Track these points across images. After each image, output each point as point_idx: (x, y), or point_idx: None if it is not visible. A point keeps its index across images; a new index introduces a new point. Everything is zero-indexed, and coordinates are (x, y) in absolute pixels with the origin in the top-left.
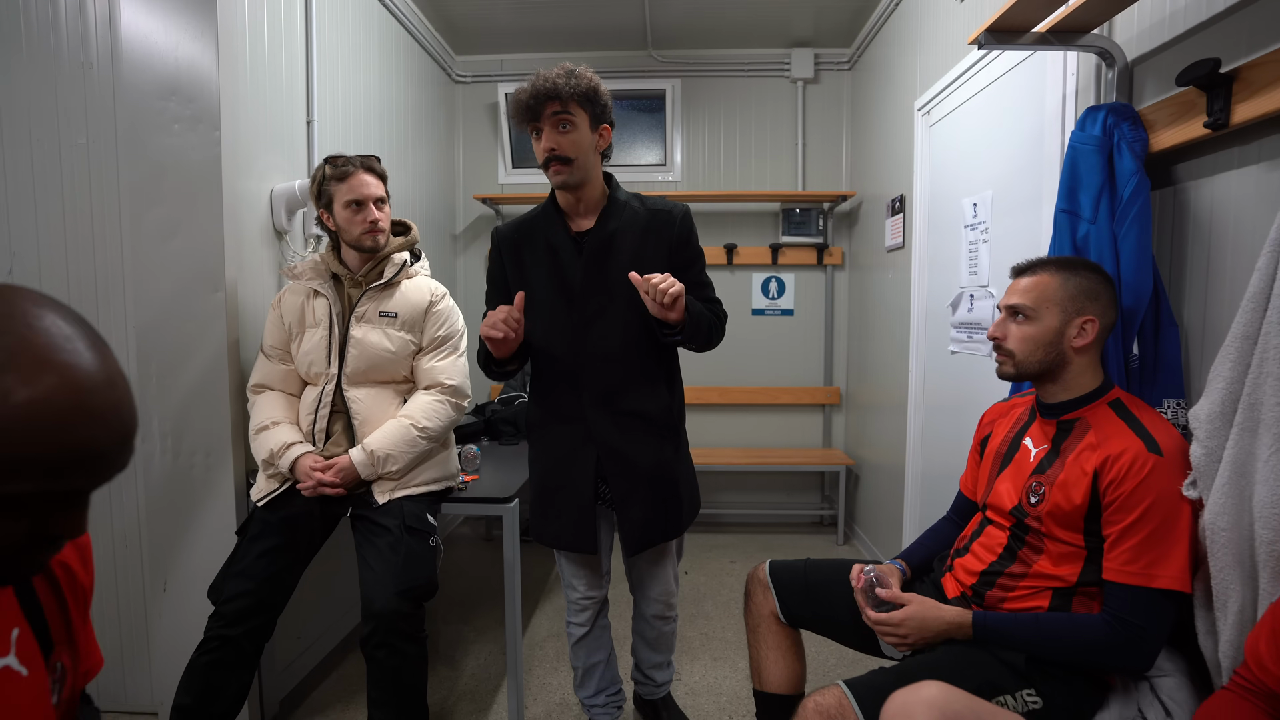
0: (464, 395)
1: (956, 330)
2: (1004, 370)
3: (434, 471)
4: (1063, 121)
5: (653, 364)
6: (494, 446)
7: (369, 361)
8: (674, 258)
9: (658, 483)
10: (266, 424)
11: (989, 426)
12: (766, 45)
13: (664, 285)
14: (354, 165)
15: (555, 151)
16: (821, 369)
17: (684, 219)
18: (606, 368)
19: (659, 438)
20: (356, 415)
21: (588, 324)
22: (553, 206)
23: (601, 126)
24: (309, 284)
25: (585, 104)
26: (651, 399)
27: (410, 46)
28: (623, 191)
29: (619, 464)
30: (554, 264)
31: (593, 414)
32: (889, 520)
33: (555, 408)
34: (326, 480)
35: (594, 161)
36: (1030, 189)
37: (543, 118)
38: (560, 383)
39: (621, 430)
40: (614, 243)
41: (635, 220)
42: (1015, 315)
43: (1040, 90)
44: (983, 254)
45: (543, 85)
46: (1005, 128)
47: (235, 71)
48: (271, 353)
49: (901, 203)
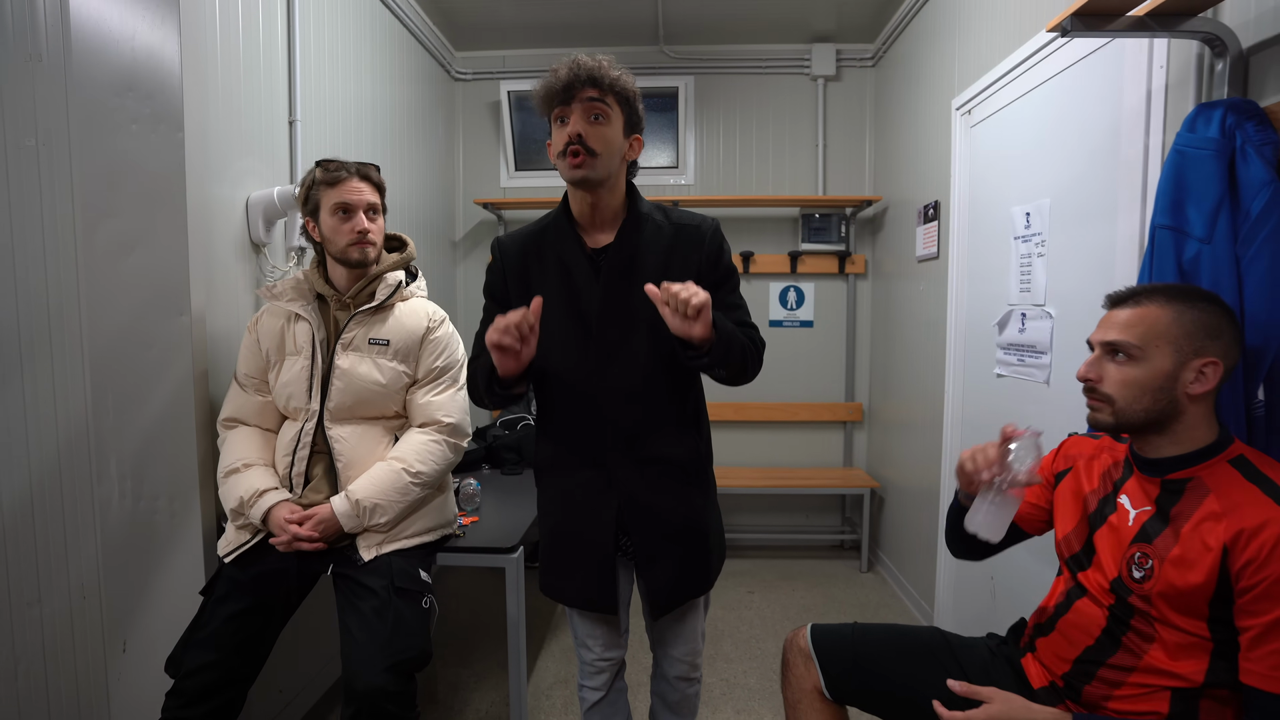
0: (463, 434)
1: (1004, 351)
2: (1099, 419)
3: (428, 520)
4: (1146, 120)
5: (682, 403)
6: (495, 476)
7: (356, 395)
8: (703, 278)
9: (688, 536)
10: (237, 466)
11: (1070, 460)
12: (785, 40)
13: (685, 294)
14: (348, 171)
15: (581, 138)
16: (843, 384)
17: (714, 235)
18: (629, 407)
19: (687, 485)
20: (340, 457)
21: (608, 356)
22: (564, 216)
23: (634, 135)
24: (288, 305)
25: (624, 104)
26: (679, 443)
27: (406, 41)
28: (645, 203)
29: (644, 518)
30: (567, 285)
31: (614, 459)
32: (917, 546)
33: (570, 450)
34: (303, 534)
35: (620, 169)
36: (1101, 198)
37: (575, 101)
38: (576, 422)
39: (647, 479)
40: (636, 262)
41: (659, 236)
42: (1114, 354)
43: (1116, 85)
44: (1037, 269)
45: (583, 66)
46: (1069, 128)
47: (202, 65)
48: (246, 382)
49: (936, 209)
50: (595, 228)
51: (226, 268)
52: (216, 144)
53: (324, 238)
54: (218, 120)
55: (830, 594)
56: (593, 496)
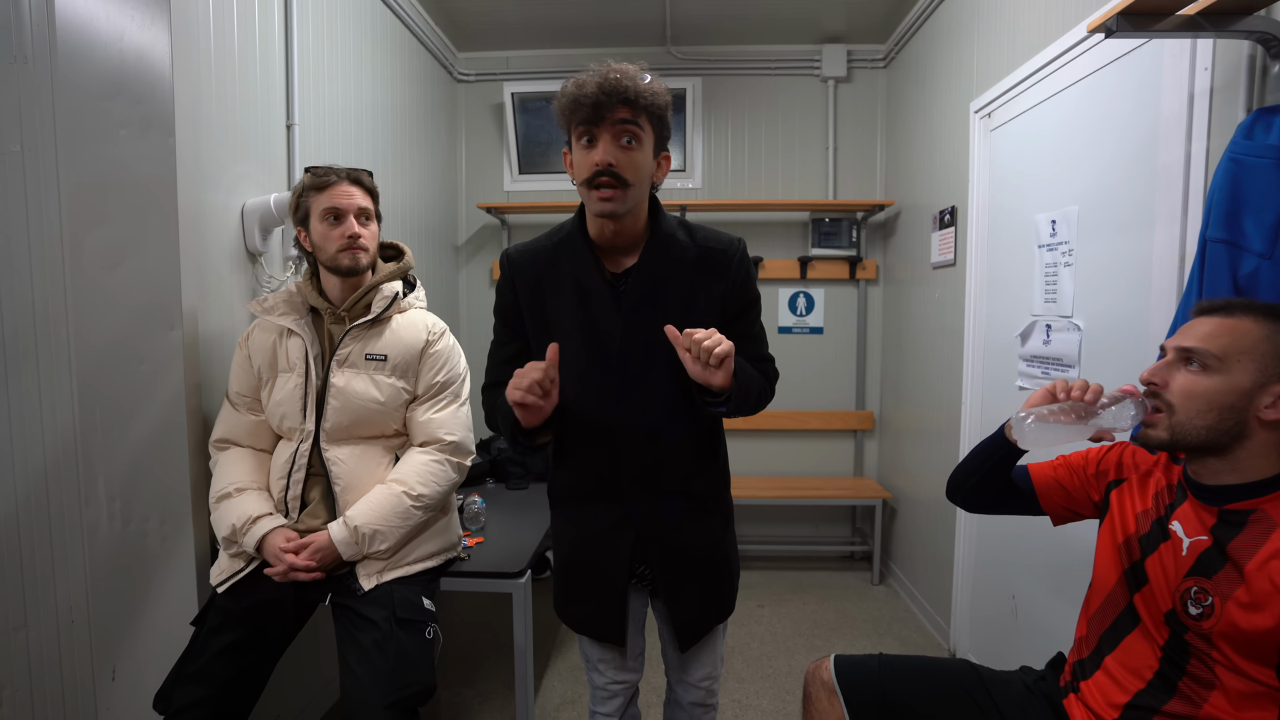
0: (466, 453)
1: (1027, 364)
2: (1153, 435)
3: (432, 544)
4: (1188, 126)
5: (701, 433)
6: (500, 491)
7: (353, 414)
8: (729, 304)
9: (710, 565)
10: (229, 491)
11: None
12: (795, 41)
13: (709, 342)
14: (338, 175)
15: (613, 167)
16: (853, 392)
17: (742, 258)
18: (649, 441)
19: (708, 514)
20: (338, 480)
21: (627, 389)
22: (580, 234)
23: (662, 154)
24: (280, 320)
25: (656, 122)
26: (699, 474)
27: (408, 42)
28: (668, 219)
29: (665, 551)
30: (584, 312)
31: (632, 494)
32: (932, 559)
33: (585, 481)
34: (300, 564)
35: (645, 194)
36: (1135, 207)
37: (604, 123)
38: (592, 454)
39: (667, 513)
40: (659, 290)
41: (683, 259)
42: (1188, 362)
43: (1153, 88)
44: (1064, 279)
45: (616, 82)
46: (1100, 133)
47: (195, 68)
48: (238, 400)
49: (952, 215)
50: (615, 250)
51: (221, 278)
52: (210, 149)
53: (314, 245)
54: (211, 125)
55: (842, 608)
56: (609, 530)
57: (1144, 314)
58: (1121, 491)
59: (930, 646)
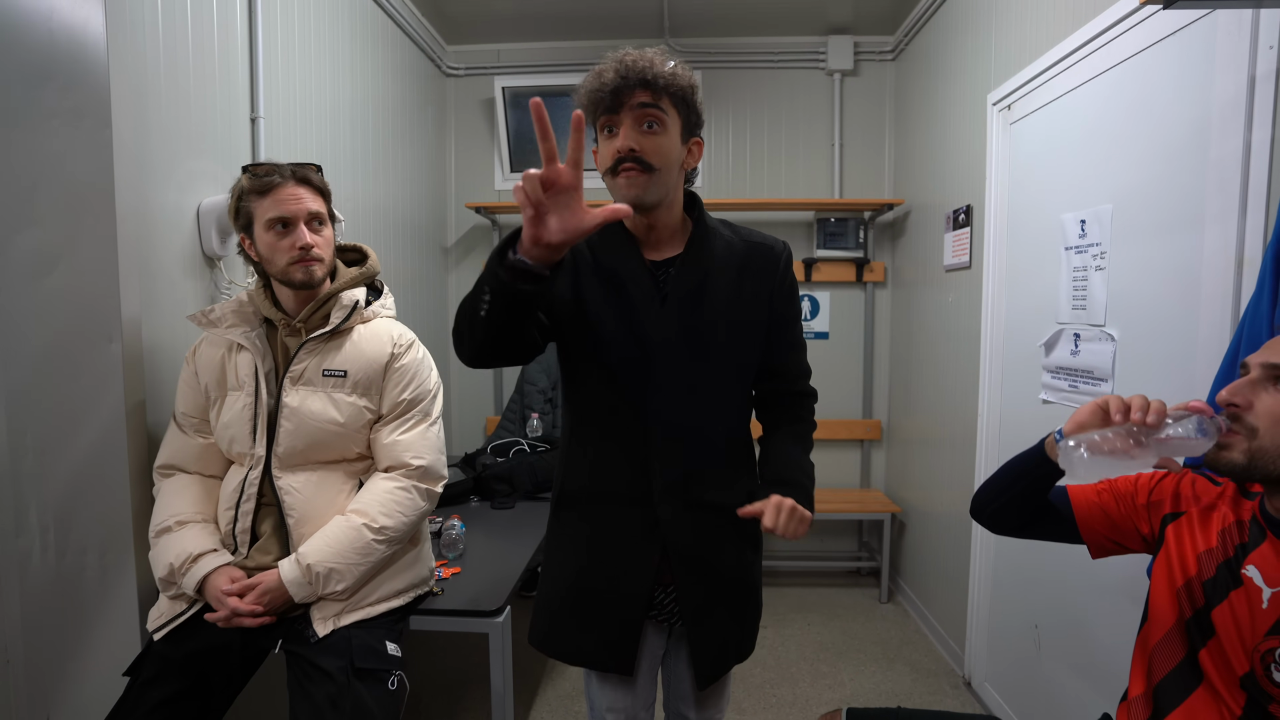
0: (437, 478)
1: (1052, 375)
2: (1228, 458)
3: (397, 581)
4: (1248, 112)
5: (738, 444)
6: (484, 511)
7: (308, 437)
8: (774, 307)
9: (739, 592)
10: (169, 524)
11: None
12: (799, 32)
13: (790, 529)
14: (281, 175)
15: (635, 152)
16: (860, 399)
17: (788, 259)
18: (686, 443)
19: (740, 533)
20: (291, 511)
21: (668, 387)
22: (617, 224)
23: (693, 140)
24: (227, 333)
25: (681, 105)
26: (735, 488)
27: (391, 33)
28: (710, 216)
29: (695, 572)
30: (623, 302)
31: (664, 502)
32: (944, 577)
33: (610, 484)
34: (244, 609)
35: (677, 180)
36: (1181, 205)
37: (624, 109)
38: (620, 453)
39: (699, 528)
40: (707, 283)
41: (731, 254)
42: (1277, 380)
43: (1204, 71)
44: (1095, 284)
45: (634, 65)
46: (1137, 124)
47: (140, 52)
48: (185, 422)
49: (968, 215)
50: (652, 245)
51: (172, 284)
52: (159, 143)
53: (261, 256)
54: (160, 115)
55: (849, 629)
56: (633, 541)
57: (1191, 324)
58: (1179, 526)
59: (943, 673)
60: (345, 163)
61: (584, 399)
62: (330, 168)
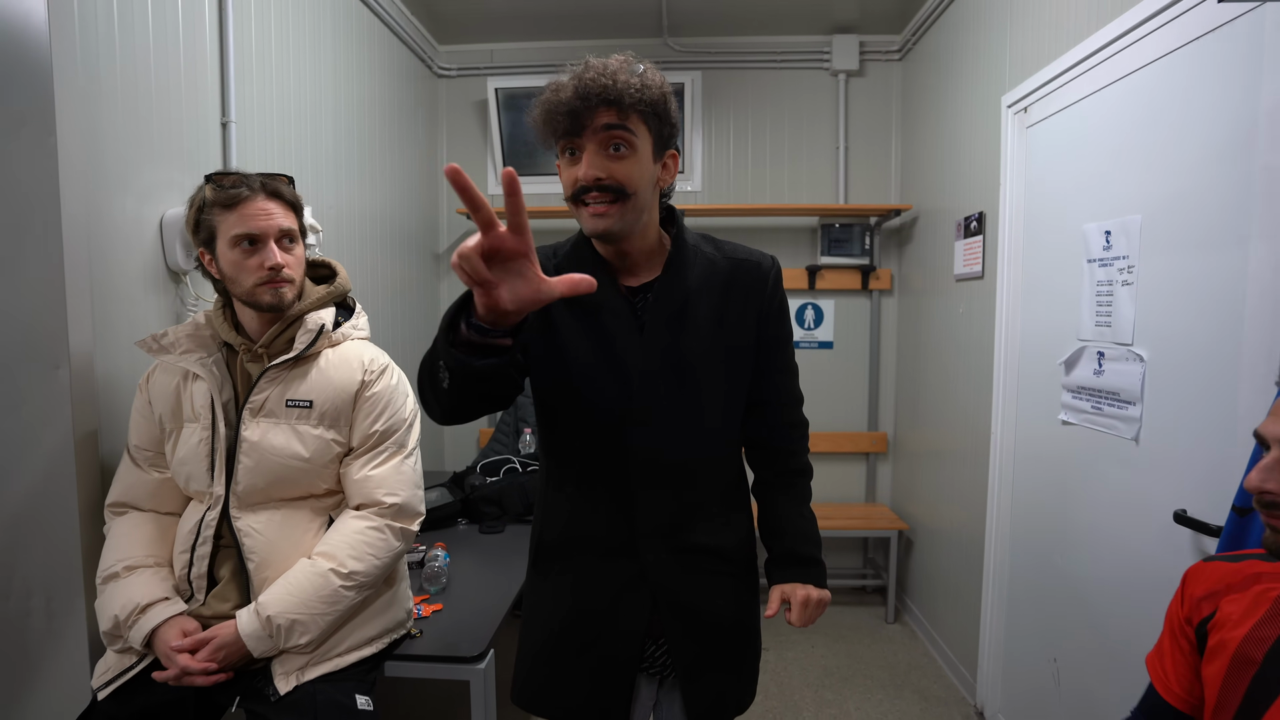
0: (413, 515)
1: (1073, 395)
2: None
3: (371, 627)
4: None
5: (730, 480)
6: (471, 534)
7: (270, 474)
8: (763, 329)
9: (736, 641)
10: (116, 569)
11: (1211, 602)
12: (802, 31)
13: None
14: (249, 187)
15: (601, 181)
16: (865, 411)
17: (777, 277)
18: (670, 484)
19: (735, 577)
20: (251, 554)
21: (649, 421)
22: (586, 247)
23: (667, 154)
24: (180, 360)
25: (652, 120)
26: (729, 528)
27: (380, 33)
28: (690, 233)
29: (687, 623)
30: (598, 331)
31: (649, 548)
32: (954, 597)
33: (589, 532)
34: (195, 667)
35: (652, 200)
36: (1222, 217)
37: (587, 131)
38: (600, 498)
39: (688, 573)
40: (689, 304)
41: (714, 273)
42: None
43: (1251, 71)
44: (1122, 300)
45: (595, 81)
46: (1172, 129)
47: (92, 51)
48: (138, 455)
49: (980, 222)
50: (627, 270)
51: (132, 302)
52: (115, 150)
53: (224, 275)
54: (116, 120)
55: (854, 652)
56: (618, 595)
57: (1232, 349)
58: (1218, 620)
59: (954, 701)
60: (328, 168)
61: (559, 439)
62: (311, 173)
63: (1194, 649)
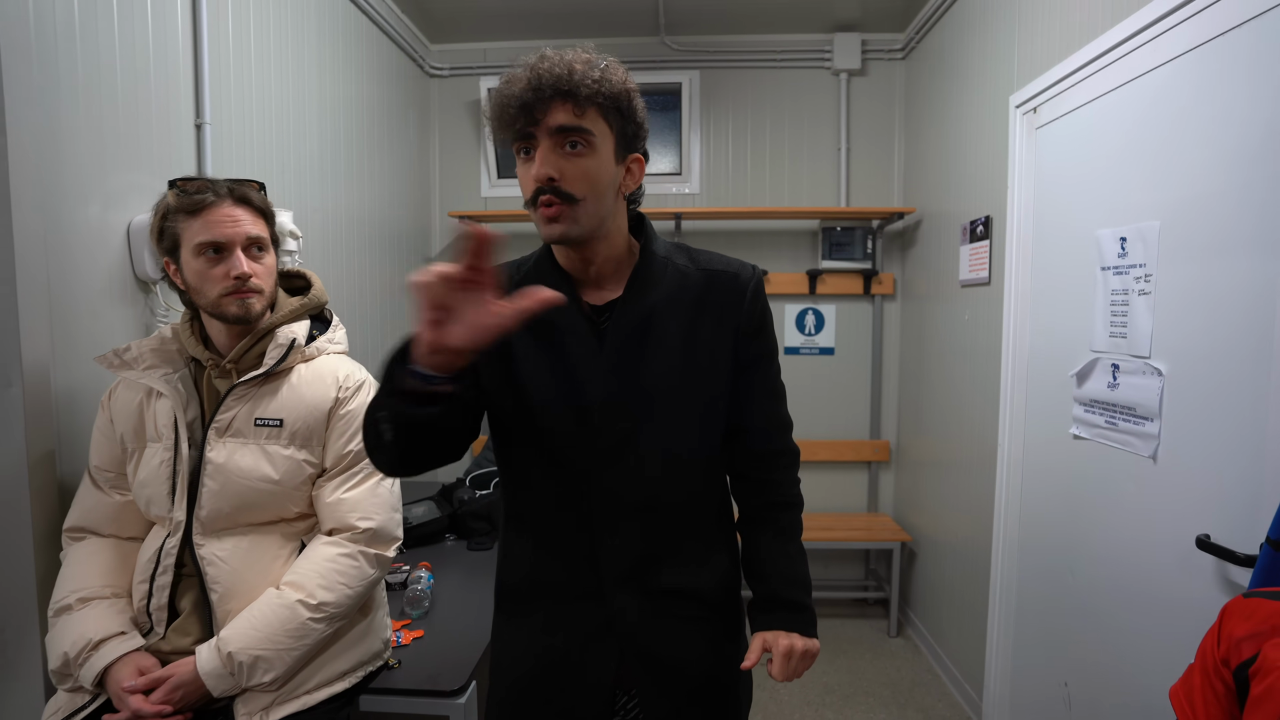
0: (388, 540)
1: (1085, 409)
2: None
3: (344, 660)
4: None
5: (708, 509)
6: (459, 551)
7: (236, 498)
8: (741, 349)
9: (714, 693)
10: (68, 601)
11: (1253, 644)
12: (803, 30)
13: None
14: (215, 193)
15: (555, 182)
16: (867, 419)
17: (757, 289)
18: (640, 520)
19: (714, 623)
20: (214, 584)
21: (613, 452)
22: (548, 262)
23: (631, 157)
24: (143, 377)
25: (613, 115)
26: (705, 565)
27: (369, 32)
28: (661, 243)
29: (659, 676)
30: (557, 355)
31: (616, 593)
32: (958, 610)
33: (551, 577)
34: (149, 710)
35: (615, 208)
36: (1250, 224)
37: (541, 128)
38: (562, 537)
39: (661, 619)
40: (653, 324)
41: (684, 288)
42: None
43: (1277, 68)
44: (1138, 311)
45: (549, 72)
46: (1194, 130)
47: (46, 44)
48: (99, 476)
49: (986, 226)
50: (593, 281)
51: (95, 315)
52: (76, 153)
53: (189, 285)
54: (77, 121)
55: (855, 668)
56: (586, 642)
57: (1261, 366)
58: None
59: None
60: (312, 171)
61: (518, 474)
62: (294, 176)
63: (1230, 693)
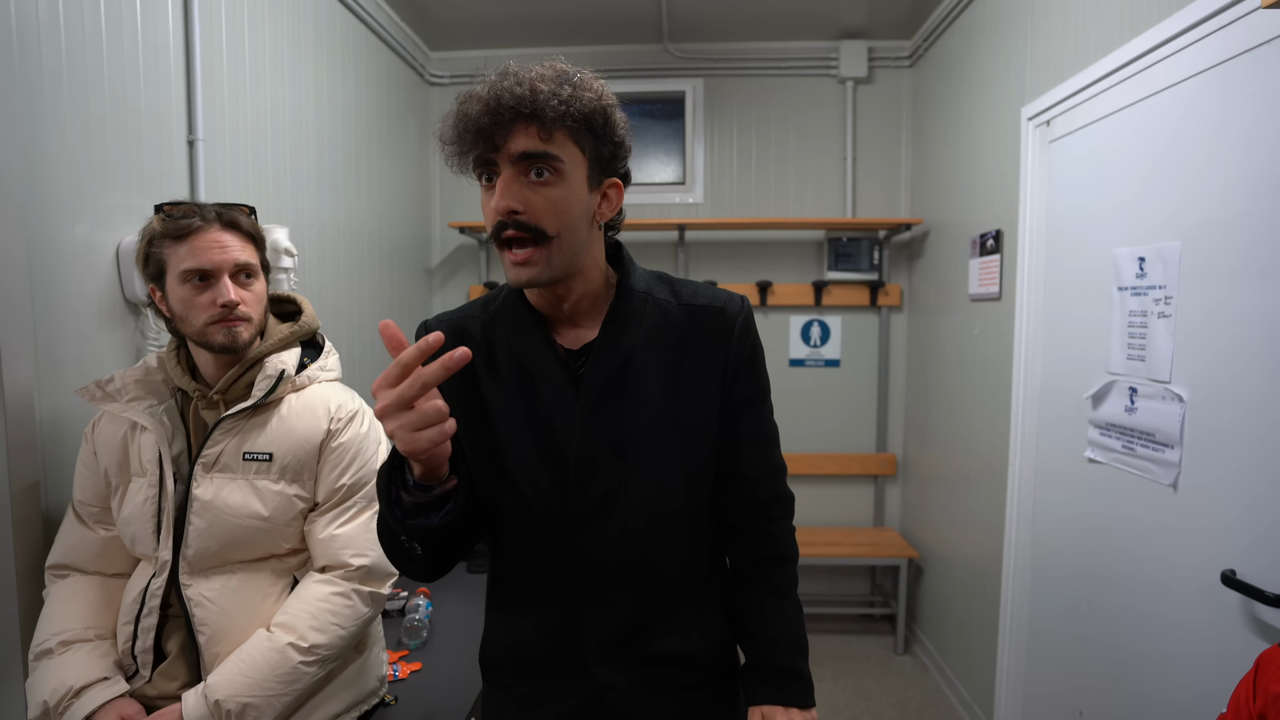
0: (383, 577)
1: (1101, 432)
2: None
3: (336, 701)
4: None
5: (699, 568)
6: (458, 573)
7: (225, 536)
8: (729, 389)
9: None
10: (49, 645)
11: None
12: (809, 37)
13: None
14: (202, 218)
15: (517, 215)
16: (873, 432)
17: (745, 325)
18: (628, 588)
19: (708, 692)
20: (202, 626)
21: (593, 515)
22: (519, 300)
23: (608, 182)
24: (126, 410)
25: (585, 137)
26: (696, 628)
27: (368, 41)
28: (640, 274)
29: None
30: (530, 403)
31: (603, 665)
32: (967, 628)
33: (533, 649)
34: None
35: (590, 239)
36: (1275, 245)
37: (501, 154)
38: (542, 605)
39: (652, 691)
40: (632, 369)
41: (666, 325)
42: None
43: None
44: (1157, 334)
45: (509, 91)
46: (1218, 148)
47: (30, 58)
48: (84, 511)
49: (997, 240)
50: (566, 320)
51: (83, 340)
52: (60, 172)
53: (174, 313)
54: (62, 138)
55: (862, 687)
56: (571, 718)
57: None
58: None
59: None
60: (310, 184)
61: (496, 537)
62: (291, 190)
63: None
